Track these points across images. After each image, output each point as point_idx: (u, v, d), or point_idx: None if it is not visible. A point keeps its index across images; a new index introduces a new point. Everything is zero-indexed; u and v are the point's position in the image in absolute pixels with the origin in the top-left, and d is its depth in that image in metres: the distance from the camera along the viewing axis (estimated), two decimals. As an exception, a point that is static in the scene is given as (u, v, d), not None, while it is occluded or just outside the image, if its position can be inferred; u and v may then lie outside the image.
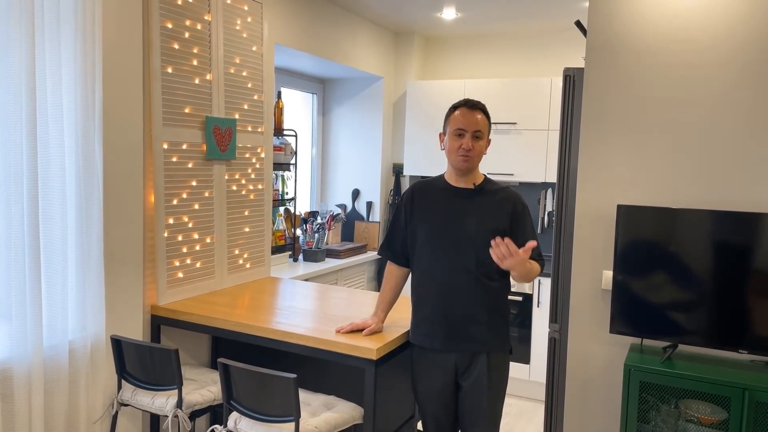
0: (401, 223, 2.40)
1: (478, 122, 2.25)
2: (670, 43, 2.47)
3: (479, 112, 2.27)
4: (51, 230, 2.24)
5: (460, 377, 2.30)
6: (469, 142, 2.23)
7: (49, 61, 2.19)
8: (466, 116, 2.25)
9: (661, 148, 2.51)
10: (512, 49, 4.90)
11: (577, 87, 2.84)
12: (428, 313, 2.29)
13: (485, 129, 2.28)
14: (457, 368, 2.28)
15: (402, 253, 2.41)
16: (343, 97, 5.01)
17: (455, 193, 2.32)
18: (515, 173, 4.48)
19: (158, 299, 2.73)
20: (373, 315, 2.45)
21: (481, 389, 2.26)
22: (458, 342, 2.26)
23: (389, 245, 2.45)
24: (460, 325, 2.25)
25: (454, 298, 2.25)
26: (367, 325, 2.38)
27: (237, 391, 2.17)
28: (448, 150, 2.30)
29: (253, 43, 3.24)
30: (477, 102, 2.30)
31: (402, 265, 2.43)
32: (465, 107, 2.28)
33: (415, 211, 2.36)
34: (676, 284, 2.37)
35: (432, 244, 2.29)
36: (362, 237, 4.88)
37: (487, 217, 2.27)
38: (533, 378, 4.23)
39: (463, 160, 2.25)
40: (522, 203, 2.33)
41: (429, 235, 2.30)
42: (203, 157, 2.94)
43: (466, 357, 2.27)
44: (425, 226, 2.31)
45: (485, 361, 2.25)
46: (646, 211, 2.42)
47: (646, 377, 2.30)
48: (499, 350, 2.30)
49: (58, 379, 2.28)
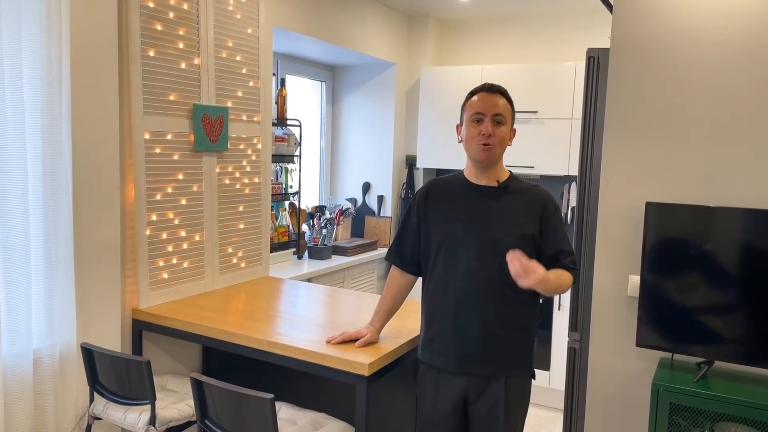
0: (413, 226, 2.11)
1: (499, 105, 1.96)
2: (708, 18, 2.16)
3: (500, 96, 1.98)
4: (10, 227, 2.04)
5: (471, 404, 2.00)
6: (489, 127, 1.94)
7: (6, 41, 1.98)
8: (485, 99, 1.97)
9: (696, 139, 2.21)
10: (533, 32, 4.58)
11: (602, 70, 2.56)
12: (442, 329, 2.00)
13: (508, 114, 1.98)
14: (469, 393, 1.99)
15: (411, 258, 2.12)
16: (353, 84, 4.75)
17: (476, 192, 2.02)
18: (536, 166, 4.18)
19: (139, 302, 2.52)
20: (369, 324, 2.19)
21: (495, 420, 1.96)
22: (474, 364, 1.96)
23: (397, 249, 2.15)
24: (477, 344, 1.95)
25: (473, 312, 1.95)
26: (361, 336, 2.14)
27: (212, 410, 1.95)
28: (466, 140, 2.00)
29: (248, 25, 3.00)
30: (497, 85, 2.01)
31: (408, 272, 2.15)
32: (483, 91, 1.99)
33: (429, 213, 2.06)
34: (712, 291, 2.08)
35: (449, 251, 1.99)
36: (373, 233, 4.63)
37: (513, 220, 1.96)
38: (553, 386, 3.95)
39: (483, 149, 1.95)
40: (554, 204, 2.02)
41: (445, 241, 2.00)
42: (191, 149, 2.72)
43: (481, 381, 1.97)
44: (441, 229, 2.02)
45: (503, 387, 1.96)
46: (680, 209, 2.13)
47: (678, 399, 2.03)
48: (520, 375, 2.01)
49: (22, 391, 2.09)
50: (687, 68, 2.21)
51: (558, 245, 1.98)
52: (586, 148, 2.62)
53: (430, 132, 4.52)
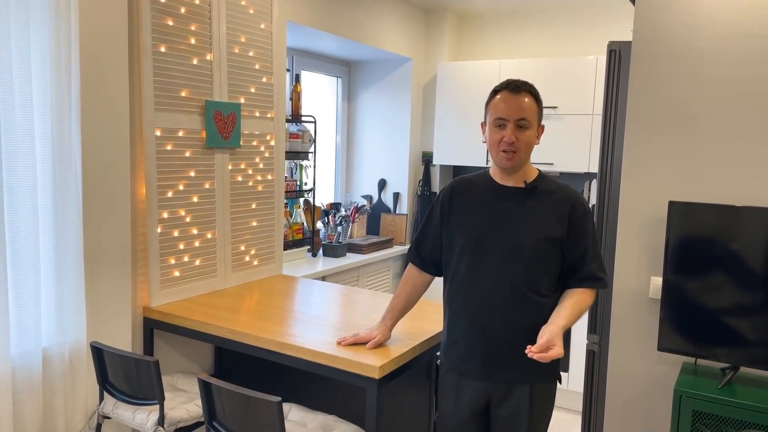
0: (435, 227, 2.04)
1: (524, 108, 1.85)
2: (735, 10, 2.07)
3: (525, 94, 1.87)
4: (20, 224, 2.03)
5: (494, 408, 1.93)
6: (511, 134, 1.84)
7: (15, 36, 1.96)
8: (508, 102, 1.85)
9: (721, 135, 2.12)
10: (553, 25, 4.48)
11: (624, 64, 2.48)
12: (464, 334, 1.93)
13: (533, 115, 1.88)
14: (491, 397, 1.93)
15: (430, 259, 2.06)
16: (370, 80, 4.70)
17: (502, 194, 1.93)
18: (555, 163, 4.09)
19: (151, 300, 2.50)
20: (380, 323, 2.14)
21: (518, 426, 1.90)
22: (497, 370, 1.89)
23: (417, 249, 2.09)
24: (500, 349, 1.88)
25: (496, 316, 1.88)
26: (372, 338, 2.09)
27: (220, 412, 1.91)
28: (489, 144, 1.91)
29: (261, 20, 2.96)
30: (522, 83, 1.89)
31: (427, 272, 2.09)
32: (507, 90, 1.87)
33: (453, 214, 1.99)
34: (738, 293, 2.00)
35: (472, 253, 1.91)
36: (388, 230, 4.58)
37: (540, 223, 1.88)
38: (572, 387, 3.86)
39: (505, 157, 1.86)
40: (583, 207, 1.91)
41: (469, 242, 1.92)
42: (203, 146, 2.69)
43: (504, 386, 1.90)
44: (465, 231, 1.94)
45: (527, 393, 1.88)
46: (704, 209, 2.04)
47: (701, 405, 1.96)
48: (545, 381, 1.93)
49: (31, 389, 2.07)
50: (712, 62, 2.12)
51: (584, 252, 1.88)
52: (607, 144, 2.54)
53: (447, 128, 4.45)
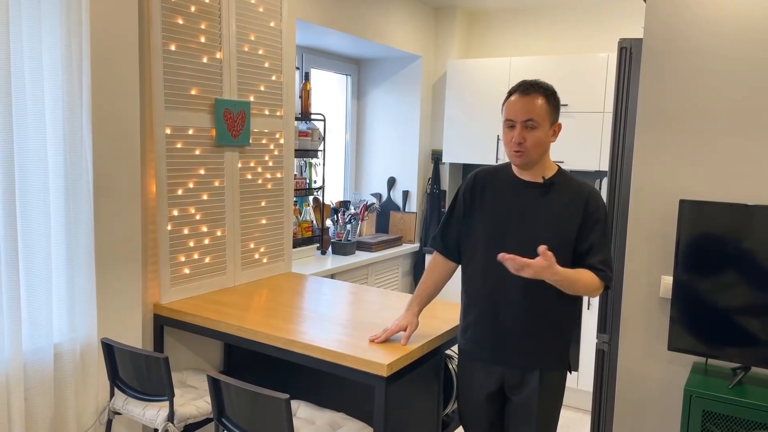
0: (458, 216, 2.12)
1: (531, 109, 1.91)
2: (747, 6, 2.05)
3: (537, 95, 1.92)
4: (32, 222, 2.05)
5: (509, 392, 2.04)
6: (519, 135, 1.92)
7: (26, 35, 1.98)
8: (517, 103, 1.93)
9: (733, 133, 2.10)
10: (563, 22, 4.45)
11: (635, 61, 2.46)
12: (477, 318, 2.04)
13: (542, 115, 1.92)
14: (505, 381, 2.03)
15: (455, 247, 2.13)
16: (379, 78, 4.69)
17: (522, 187, 2.00)
18: (566, 160, 4.06)
19: (161, 297, 2.52)
20: (407, 311, 2.17)
21: (529, 411, 1.99)
22: (507, 354, 1.99)
23: (442, 237, 2.16)
24: (511, 335, 1.98)
25: (507, 304, 1.97)
26: (401, 329, 2.13)
27: (229, 408, 1.92)
28: (503, 142, 2.00)
29: (271, 19, 2.96)
30: (534, 84, 1.94)
31: (452, 260, 2.15)
32: (518, 92, 1.95)
33: (475, 203, 2.07)
34: (750, 292, 1.98)
35: (489, 243, 1.99)
36: (397, 228, 4.58)
37: (556, 218, 1.95)
38: (582, 387, 3.85)
39: (516, 155, 1.95)
40: (597, 202, 1.96)
41: (487, 232, 2.01)
42: (213, 144, 2.70)
43: (517, 371, 1.99)
44: (484, 220, 2.03)
45: (537, 380, 1.97)
46: (716, 207, 2.03)
47: (711, 406, 1.95)
48: (555, 368, 2.01)
49: (42, 384, 2.09)
50: (724, 59, 2.10)
51: (589, 243, 1.93)
52: (618, 142, 2.52)
53: (457, 126, 4.44)
